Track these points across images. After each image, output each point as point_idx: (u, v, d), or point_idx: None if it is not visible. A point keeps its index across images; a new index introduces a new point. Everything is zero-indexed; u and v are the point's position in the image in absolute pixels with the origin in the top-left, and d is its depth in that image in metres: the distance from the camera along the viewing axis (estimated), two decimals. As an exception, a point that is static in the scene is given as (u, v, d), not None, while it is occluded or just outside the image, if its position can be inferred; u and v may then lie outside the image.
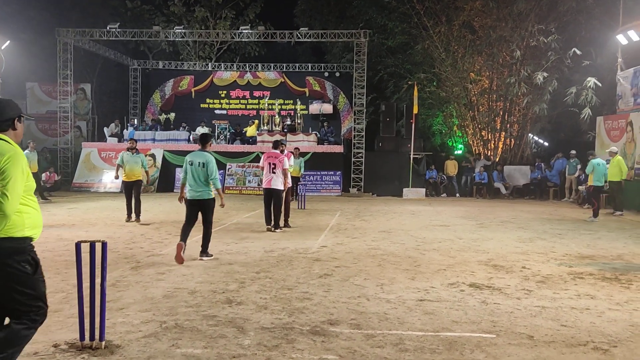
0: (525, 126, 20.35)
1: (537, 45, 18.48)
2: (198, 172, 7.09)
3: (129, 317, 4.53)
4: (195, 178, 7.10)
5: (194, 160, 7.17)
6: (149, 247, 7.97)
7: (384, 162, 19.09)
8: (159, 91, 24.70)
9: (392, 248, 8.17)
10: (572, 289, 5.74)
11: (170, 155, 19.33)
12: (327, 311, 4.78)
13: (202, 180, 7.09)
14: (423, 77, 21.22)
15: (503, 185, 18.58)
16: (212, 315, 4.60)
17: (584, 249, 8.27)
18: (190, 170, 7.14)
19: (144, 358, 3.65)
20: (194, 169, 7.11)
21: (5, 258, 2.91)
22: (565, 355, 3.81)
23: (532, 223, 11.46)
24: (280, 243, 8.51)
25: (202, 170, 7.07)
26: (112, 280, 5.71)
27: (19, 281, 2.96)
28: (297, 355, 3.73)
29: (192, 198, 7.20)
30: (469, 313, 4.79)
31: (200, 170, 7.08)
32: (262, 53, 28.08)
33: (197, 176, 7.10)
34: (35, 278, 3.05)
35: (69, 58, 20.73)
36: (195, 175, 7.10)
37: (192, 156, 7.27)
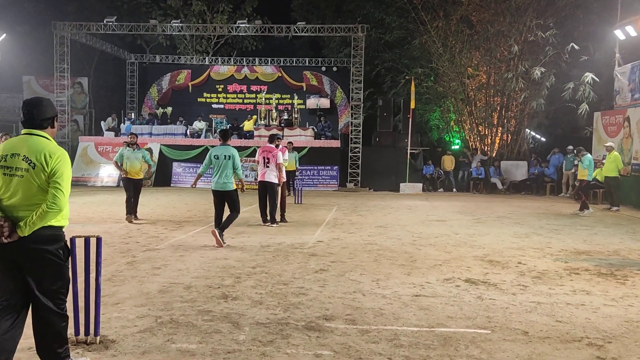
0: (523, 121, 20.34)
1: (535, 40, 18.46)
2: (224, 164, 7.73)
3: (124, 312, 4.53)
4: (221, 170, 7.73)
5: (219, 154, 7.81)
6: (145, 242, 7.96)
7: (381, 157, 19.08)
8: (156, 85, 24.62)
9: (389, 243, 8.17)
10: (567, 284, 5.75)
11: (167, 149, 19.29)
12: (322, 306, 4.78)
13: (226, 173, 7.73)
14: (420, 72, 21.19)
15: (500, 181, 18.60)
16: (207, 311, 4.59)
17: (580, 245, 8.28)
18: (216, 163, 7.77)
19: (139, 353, 3.64)
20: (220, 162, 7.75)
21: (46, 244, 3.10)
22: (560, 351, 3.82)
23: (528, 218, 11.48)
24: (277, 238, 8.51)
25: (228, 163, 7.74)
26: (107, 275, 5.71)
27: (54, 267, 3.16)
28: (291, 351, 3.73)
29: (217, 189, 7.84)
30: (465, 308, 4.80)
31: (226, 162, 7.73)
32: (260, 47, 27.97)
33: (222, 168, 7.73)
34: (66, 265, 3.25)
35: (65, 52, 20.62)
36: (220, 167, 7.72)
37: (216, 150, 7.88)
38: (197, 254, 7.12)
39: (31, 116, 3.21)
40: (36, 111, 3.21)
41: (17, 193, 3.09)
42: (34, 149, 3.12)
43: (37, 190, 3.10)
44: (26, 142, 3.16)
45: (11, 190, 3.10)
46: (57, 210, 3.09)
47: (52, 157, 3.11)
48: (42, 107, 3.24)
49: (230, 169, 7.77)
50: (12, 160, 3.11)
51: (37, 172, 3.08)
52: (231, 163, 7.77)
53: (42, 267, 3.12)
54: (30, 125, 3.22)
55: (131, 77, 25.16)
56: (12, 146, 3.17)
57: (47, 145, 3.16)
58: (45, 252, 3.11)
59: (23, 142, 3.17)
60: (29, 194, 3.09)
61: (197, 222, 10.26)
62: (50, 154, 3.12)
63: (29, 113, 3.21)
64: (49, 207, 3.06)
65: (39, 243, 3.08)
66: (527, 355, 3.74)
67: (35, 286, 3.13)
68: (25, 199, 3.09)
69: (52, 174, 3.09)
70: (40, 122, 3.22)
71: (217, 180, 7.79)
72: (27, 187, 3.08)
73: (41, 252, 3.10)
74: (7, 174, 3.11)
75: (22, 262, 3.10)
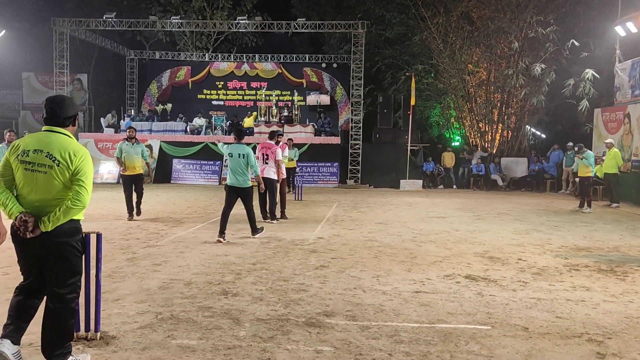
0: (523, 118, 20.33)
1: (536, 37, 18.43)
2: (238, 162, 7.93)
3: (124, 308, 4.53)
4: (236, 168, 7.93)
5: (233, 152, 8.01)
6: (145, 239, 7.96)
7: (381, 154, 19.07)
8: (156, 82, 24.58)
9: (389, 240, 8.17)
10: (567, 280, 5.75)
11: (167, 146, 19.28)
12: (322, 303, 4.79)
13: (242, 170, 7.94)
14: (421, 68, 21.16)
15: (500, 177, 18.60)
16: (207, 307, 4.60)
17: (580, 241, 8.29)
18: (231, 161, 7.98)
19: (140, 349, 3.64)
20: (234, 160, 7.95)
21: (67, 237, 3.22)
22: (560, 347, 3.82)
23: (528, 215, 11.48)
24: (277, 234, 8.51)
25: (242, 161, 7.94)
26: (107, 271, 5.71)
27: (72, 260, 3.27)
28: (292, 347, 3.74)
29: (232, 185, 8.00)
30: (465, 305, 4.80)
31: (241, 160, 7.93)
32: (260, 44, 27.92)
33: (237, 166, 7.93)
34: (81, 258, 3.37)
35: (65, 48, 20.59)
36: (235, 165, 7.93)
37: (231, 148, 8.08)
38: (197, 250, 7.12)
39: (54, 114, 3.27)
40: (59, 109, 3.28)
41: (38, 189, 3.16)
42: (58, 147, 3.18)
43: (59, 187, 3.17)
44: (49, 139, 3.22)
45: (31, 185, 3.16)
46: (80, 207, 3.19)
47: (77, 155, 3.20)
48: (65, 105, 3.31)
49: (245, 166, 7.99)
50: (34, 156, 3.16)
51: (62, 169, 3.16)
52: (246, 161, 7.98)
53: (62, 259, 3.22)
54: (53, 122, 3.28)
55: (131, 74, 25.13)
56: (34, 142, 3.20)
57: (70, 143, 3.24)
58: (66, 244, 3.21)
59: (46, 139, 3.22)
60: (50, 190, 3.16)
61: (197, 218, 10.26)
62: (75, 152, 3.20)
63: (52, 111, 3.27)
64: (73, 203, 3.15)
65: (61, 236, 3.18)
66: (527, 351, 3.74)
67: (52, 279, 3.22)
68: (46, 195, 3.16)
69: (75, 172, 3.18)
70: (62, 120, 3.29)
71: (233, 177, 7.99)
72: (48, 184, 3.15)
73: (63, 245, 3.20)
74: (28, 169, 3.16)
75: (44, 255, 3.20)
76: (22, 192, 3.19)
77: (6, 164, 3.23)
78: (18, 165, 3.18)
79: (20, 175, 3.18)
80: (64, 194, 3.18)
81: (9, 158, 3.22)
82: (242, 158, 7.96)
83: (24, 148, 3.19)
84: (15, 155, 3.19)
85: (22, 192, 3.19)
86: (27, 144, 3.21)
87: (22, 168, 3.17)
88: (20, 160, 3.17)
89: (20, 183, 3.19)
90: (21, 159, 3.17)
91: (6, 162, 3.23)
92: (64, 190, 3.19)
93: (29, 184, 3.17)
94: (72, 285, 3.28)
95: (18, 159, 3.18)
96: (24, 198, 3.19)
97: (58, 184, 3.17)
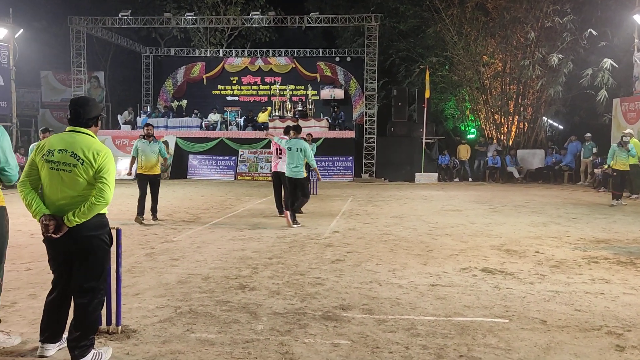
0: (540, 109, 20.08)
1: (552, 26, 18.16)
2: (296, 155, 8.78)
3: (144, 302, 4.60)
4: (293, 160, 8.78)
5: (292, 147, 8.88)
6: (163, 234, 8.05)
7: (396, 147, 19.00)
8: (171, 78, 24.76)
9: (404, 233, 8.16)
10: (586, 273, 5.70)
11: (182, 142, 19.43)
12: (339, 296, 4.81)
13: (299, 162, 8.76)
14: (435, 60, 20.99)
15: (516, 170, 18.43)
16: (225, 301, 4.65)
17: (599, 233, 8.20)
18: (290, 154, 8.84)
19: (160, 342, 3.70)
20: (293, 153, 8.80)
21: (95, 231, 3.36)
22: (579, 340, 3.80)
23: (546, 207, 11.37)
24: (293, 229, 8.54)
25: (299, 154, 8.79)
26: (127, 266, 5.79)
27: (101, 253, 3.41)
28: (309, 340, 3.77)
29: (290, 176, 8.89)
30: (482, 298, 4.79)
31: (299, 154, 8.78)
32: (273, 39, 27.95)
33: (295, 159, 8.78)
34: (109, 251, 3.50)
35: (82, 46, 20.82)
36: (293, 158, 8.78)
37: (290, 143, 8.93)
38: (214, 245, 7.19)
39: (78, 115, 3.41)
40: (82, 110, 3.41)
41: (63, 187, 3.30)
42: (82, 146, 3.32)
43: (83, 185, 3.31)
44: (73, 139, 3.36)
45: (57, 184, 3.30)
46: (104, 203, 3.33)
47: (100, 154, 3.34)
48: (88, 106, 3.44)
49: (301, 159, 8.78)
50: (59, 155, 3.30)
51: (86, 167, 3.30)
52: (302, 155, 8.79)
53: (91, 253, 3.36)
54: (76, 123, 3.42)
55: (146, 71, 25.33)
56: (59, 142, 3.34)
57: (93, 143, 3.38)
58: (95, 238, 3.37)
59: (70, 139, 3.36)
60: (75, 188, 3.30)
61: (214, 213, 10.34)
62: (98, 151, 3.34)
63: (76, 112, 3.41)
64: (97, 200, 3.29)
65: (90, 230, 3.34)
66: (546, 344, 3.72)
67: (81, 272, 3.36)
68: (71, 192, 3.30)
69: (99, 170, 3.32)
70: (85, 120, 3.43)
71: (290, 169, 8.87)
72: (73, 181, 3.29)
73: (92, 239, 3.35)
74: (53, 168, 3.30)
75: (74, 250, 3.35)
76: (48, 191, 3.33)
77: (32, 164, 3.38)
78: (44, 165, 3.32)
79: (45, 174, 3.32)
80: (88, 192, 3.32)
81: (34, 158, 3.37)
82: (299, 152, 8.79)
83: (49, 148, 3.33)
84: (40, 155, 3.34)
85: (48, 191, 3.33)
86: (52, 144, 3.34)
87: (48, 167, 3.31)
88: (45, 160, 3.31)
89: (46, 181, 3.33)
90: (47, 159, 3.31)
91: (32, 162, 3.38)
92: (88, 187, 3.32)
93: (54, 182, 3.31)
94: (100, 278, 3.42)
95: (44, 159, 3.32)
96: (48, 196, 3.33)
97: (82, 181, 3.30)
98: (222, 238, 7.70)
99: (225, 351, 3.57)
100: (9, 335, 3.71)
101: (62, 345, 3.49)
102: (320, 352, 3.57)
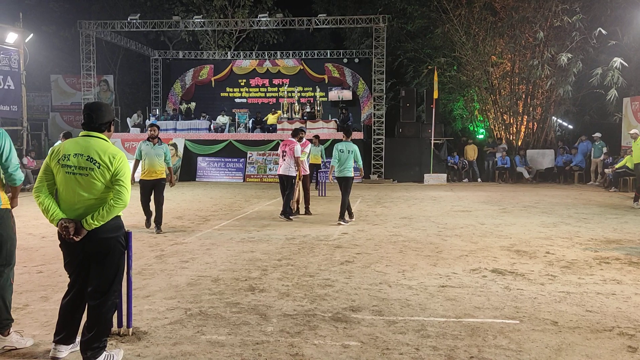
0: (549, 109, 19.96)
1: (561, 26, 18.05)
2: (347, 157, 9.42)
3: (154, 304, 4.63)
4: (344, 161, 9.43)
5: (343, 149, 9.48)
6: (173, 236, 8.09)
7: (405, 148, 18.97)
8: (180, 81, 24.88)
9: (414, 234, 8.15)
10: (597, 274, 5.66)
11: (191, 144, 19.51)
12: (348, 298, 4.81)
13: (348, 163, 9.43)
14: (443, 61, 20.92)
15: (526, 170, 18.32)
16: (235, 303, 4.66)
17: (610, 233, 8.13)
18: (341, 156, 9.45)
19: (170, 344, 3.72)
20: (344, 155, 9.45)
21: (113, 233, 3.43)
22: (591, 341, 3.77)
23: (556, 207, 11.30)
24: (302, 230, 8.55)
25: (350, 156, 9.41)
26: (137, 268, 5.83)
27: (117, 254, 3.46)
28: (319, 342, 3.77)
29: (339, 176, 9.51)
30: (492, 299, 4.77)
31: (349, 155, 9.41)
32: (281, 40, 28.00)
33: (345, 160, 9.42)
34: (124, 253, 3.57)
35: (91, 50, 20.98)
36: (344, 159, 9.42)
37: (341, 145, 9.57)
38: (223, 247, 7.22)
39: (91, 119, 3.47)
40: (95, 115, 3.47)
41: (79, 190, 3.35)
42: (97, 150, 3.38)
43: (100, 188, 3.37)
44: (88, 143, 3.42)
45: (73, 187, 3.35)
46: (122, 206, 3.40)
47: (116, 157, 3.40)
48: (101, 111, 3.50)
49: (351, 160, 9.42)
50: (75, 159, 3.35)
51: (102, 171, 3.36)
52: (352, 156, 9.43)
53: (108, 255, 3.41)
54: (90, 127, 3.48)
55: (155, 74, 25.47)
56: (74, 146, 3.40)
57: (109, 147, 3.45)
58: (113, 240, 3.43)
59: (85, 143, 3.41)
60: (92, 191, 3.35)
61: (223, 215, 10.38)
62: (114, 155, 3.41)
63: (89, 117, 3.47)
64: (116, 202, 3.36)
65: (108, 232, 3.40)
66: (557, 345, 3.70)
67: (98, 274, 3.41)
68: (88, 196, 3.35)
69: (115, 173, 3.39)
70: (99, 125, 3.49)
71: (340, 169, 9.48)
72: (90, 185, 3.35)
73: (109, 240, 3.41)
74: (69, 172, 3.34)
75: (91, 253, 3.39)
76: (64, 195, 3.38)
77: (47, 169, 3.42)
78: (59, 169, 3.36)
79: (61, 178, 3.36)
80: (104, 195, 3.38)
81: (49, 163, 3.41)
82: (350, 154, 9.40)
83: (65, 152, 3.37)
84: (56, 160, 3.38)
85: (64, 195, 3.38)
86: (67, 149, 3.39)
87: (64, 172, 3.35)
88: (61, 165, 3.36)
89: (62, 186, 3.37)
90: (62, 163, 3.36)
91: (47, 167, 3.42)
92: (105, 191, 3.38)
93: (70, 186, 3.35)
94: (115, 280, 3.47)
95: (59, 163, 3.36)
96: (64, 200, 3.37)
97: (100, 185, 3.36)
98: (231, 240, 7.72)
99: (235, 353, 3.58)
100: (21, 336, 3.75)
101: (75, 348, 3.53)
102: (331, 353, 3.57)
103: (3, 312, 3.71)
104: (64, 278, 3.58)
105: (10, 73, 17.06)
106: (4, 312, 3.72)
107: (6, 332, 3.68)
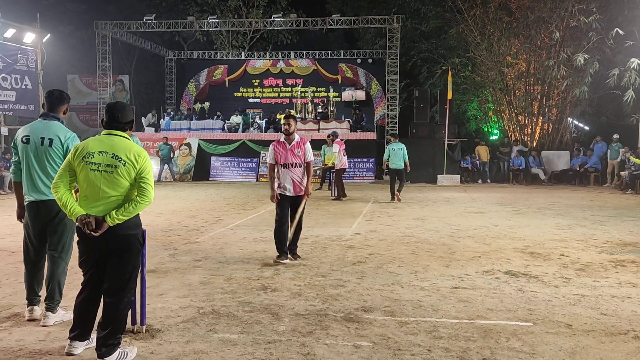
0: (565, 110, 19.76)
1: (578, 26, 17.87)
2: (398, 154, 12.40)
3: (168, 302, 4.66)
4: (397, 158, 12.38)
5: (395, 148, 12.45)
6: (186, 235, 8.14)
7: (418, 149, 18.82)
8: (194, 81, 25.05)
9: (426, 235, 8.12)
10: (613, 276, 5.60)
11: (205, 144, 19.62)
12: (360, 298, 4.81)
13: (400, 159, 12.40)
14: (457, 61, 20.81)
15: (541, 171, 18.15)
16: (247, 302, 4.68)
17: (626, 236, 8.03)
18: (394, 153, 12.40)
19: (183, 342, 3.75)
20: (396, 152, 12.38)
21: (134, 230, 3.50)
22: (605, 345, 3.73)
23: (571, 209, 11.18)
24: (314, 230, 8.56)
25: (399, 153, 12.41)
26: (151, 267, 5.88)
27: (135, 251, 3.52)
28: (331, 342, 3.77)
29: (394, 168, 12.52)
30: (505, 301, 4.73)
31: (400, 152, 12.41)
32: (295, 41, 28.07)
33: (397, 157, 12.38)
34: (141, 251, 3.62)
35: (107, 50, 21.23)
36: (396, 156, 12.39)
37: (393, 145, 12.55)
38: (236, 246, 7.25)
39: (115, 119, 3.55)
40: (119, 114, 3.55)
41: (104, 187, 3.40)
42: (122, 148, 3.45)
43: (125, 185, 3.43)
44: (112, 141, 3.48)
45: (98, 185, 3.40)
46: (147, 202, 3.48)
47: (140, 156, 3.49)
48: (125, 111, 3.59)
49: (402, 157, 12.38)
50: (100, 157, 3.41)
51: (128, 169, 3.42)
52: (402, 153, 12.41)
53: (127, 252, 3.47)
54: (113, 126, 3.55)
55: (170, 74, 25.67)
56: (98, 144, 3.46)
57: (132, 145, 3.51)
58: (132, 237, 3.50)
59: (109, 142, 3.48)
60: (116, 188, 3.41)
61: (236, 215, 10.42)
62: (138, 153, 3.49)
63: (113, 116, 3.54)
64: (142, 199, 3.44)
65: (128, 229, 3.46)
66: (571, 348, 3.67)
67: (114, 271, 3.46)
68: (112, 192, 3.41)
69: (140, 171, 3.46)
70: (122, 124, 3.57)
71: (395, 163, 12.40)
72: (115, 182, 3.41)
73: (129, 237, 3.48)
74: (94, 169, 3.40)
75: (110, 249, 3.44)
76: (87, 192, 3.42)
77: (69, 167, 3.48)
78: (83, 167, 3.41)
79: (85, 175, 3.41)
80: (129, 192, 3.45)
81: (72, 161, 3.46)
82: (400, 151, 12.37)
83: (89, 150, 3.43)
84: (80, 158, 3.43)
85: (87, 192, 3.42)
86: (91, 147, 3.44)
87: (88, 169, 3.40)
88: (86, 162, 3.41)
89: (85, 183, 3.42)
90: (87, 161, 3.41)
91: (69, 165, 3.47)
92: (129, 188, 3.45)
93: (95, 183, 3.39)
94: (131, 277, 3.51)
95: (84, 161, 3.41)
96: (87, 197, 3.42)
97: (125, 182, 3.42)
98: (244, 239, 7.76)
99: (247, 351, 3.59)
100: (66, 310, 4.05)
101: (90, 344, 3.57)
102: (342, 353, 3.57)
103: (56, 294, 4.10)
104: (78, 276, 3.62)
105: (27, 73, 17.31)
106: (57, 294, 4.11)
107: (56, 310, 4.09)
